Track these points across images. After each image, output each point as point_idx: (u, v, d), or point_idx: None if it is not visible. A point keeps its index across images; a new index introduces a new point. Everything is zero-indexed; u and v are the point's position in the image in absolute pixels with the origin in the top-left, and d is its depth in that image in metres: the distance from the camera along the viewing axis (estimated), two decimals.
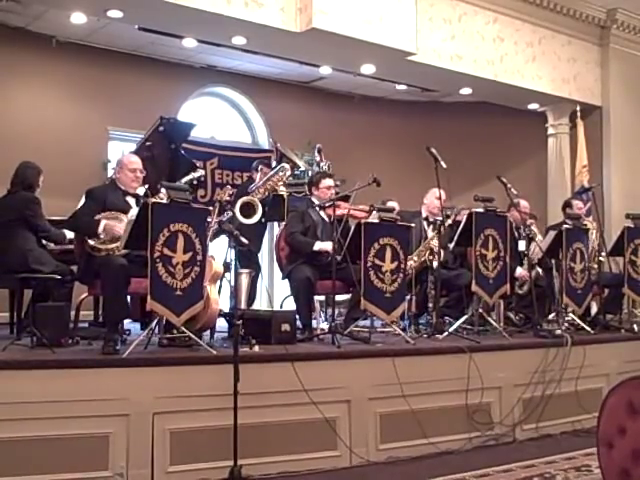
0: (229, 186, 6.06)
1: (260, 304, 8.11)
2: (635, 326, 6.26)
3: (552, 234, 6.22)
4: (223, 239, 5.60)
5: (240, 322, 4.14)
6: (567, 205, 7.20)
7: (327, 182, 5.92)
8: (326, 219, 5.79)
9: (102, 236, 4.67)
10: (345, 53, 7.67)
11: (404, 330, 5.43)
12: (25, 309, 5.35)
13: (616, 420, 2.67)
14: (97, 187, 5.11)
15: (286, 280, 5.72)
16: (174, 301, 4.22)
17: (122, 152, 6.50)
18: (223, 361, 4.12)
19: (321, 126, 9.47)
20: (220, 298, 5.01)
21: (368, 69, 8.34)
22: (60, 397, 3.79)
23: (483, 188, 7.70)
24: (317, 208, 5.84)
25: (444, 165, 5.63)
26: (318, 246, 5.59)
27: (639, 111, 9.74)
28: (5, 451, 3.66)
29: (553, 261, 6.21)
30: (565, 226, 6.18)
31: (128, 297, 4.78)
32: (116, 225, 4.73)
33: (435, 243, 5.87)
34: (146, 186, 5.25)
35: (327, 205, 5.67)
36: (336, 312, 5.54)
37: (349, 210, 5.73)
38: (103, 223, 4.70)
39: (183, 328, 4.36)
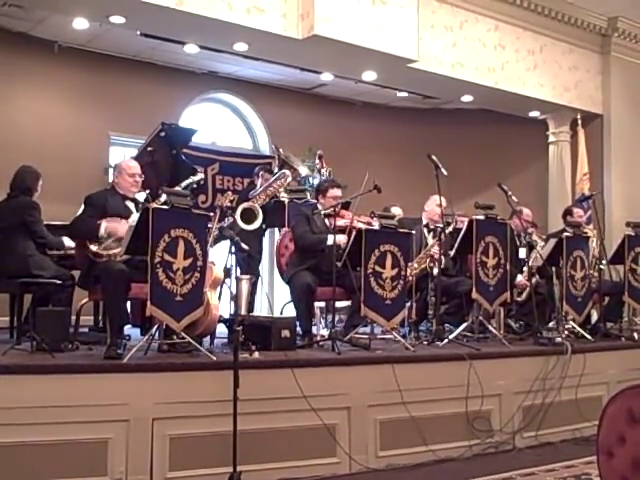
0: (230, 192, 6.07)
1: (260, 310, 8.11)
2: (635, 334, 6.25)
3: (552, 242, 6.21)
4: (224, 245, 5.61)
5: (240, 328, 4.14)
6: (567, 213, 7.19)
7: (334, 192, 5.85)
8: (329, 226, 5.77)
9: (104, 237, 4.65)
10: (346, 60, 7.68)
11: (404, 337, 5.43)
12: (25, 314, 5.35)
13: (616, 428, 2.67)
14: (96, 193, 5.03)
15: (286, 286, 5.71)
16: (174, 307, 4.22)
17: (123, 157, 6.49)
18: (223, 367, 4.11)
19: (322, 132, 9.48)
20: (220, 304, 5.00)
21: (369, 76, 8.36)
22: (59, 402, 3.78)
23: (484, 195, 7.71)
24: (322, 214, 5.82)
25: (445, 172, 5.63)
26: (332, 239, 5.37)
27: None
28: (4, 456, 3.65)
29: (553, 269, 6.21)
30: (565, 234, 6.18)
31: (128, 303, 4.77)
32: (119, 225, 4.72)
33: (435, 250, 5.87)
34: (147, 191, 5.26)
35: (329, 213, 5.65)
36: (336, 318, 5.53)
37: (352, 221, 5.71)
38: (104, 225, 4.69)
39: (183, 334, 4.36)
